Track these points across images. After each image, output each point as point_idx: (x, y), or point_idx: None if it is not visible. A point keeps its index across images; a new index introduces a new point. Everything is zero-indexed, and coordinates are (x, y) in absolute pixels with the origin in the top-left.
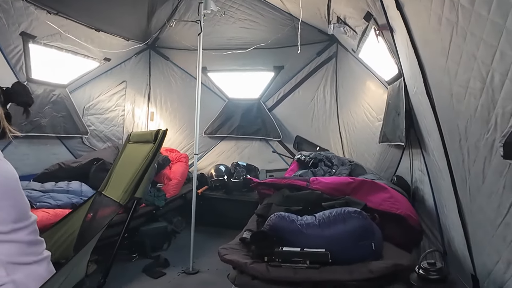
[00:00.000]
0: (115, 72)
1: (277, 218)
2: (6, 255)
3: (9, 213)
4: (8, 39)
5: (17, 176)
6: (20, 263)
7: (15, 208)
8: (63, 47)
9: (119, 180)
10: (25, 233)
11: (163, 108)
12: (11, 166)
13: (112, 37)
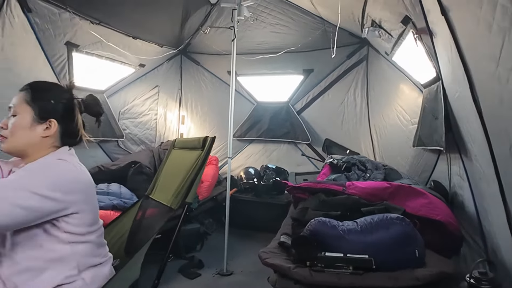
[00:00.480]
0: (148, 78)
1: (318, 224)
2: (80, 255)
3: (88, 217)
4: (54, 49)
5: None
6: (90, 263)
7: (92, 212)
8: (102, 54)
9: (167, 185)
10: (96, 236)
11: (193, 112)
12: (88, 172)
13: (147, 44)
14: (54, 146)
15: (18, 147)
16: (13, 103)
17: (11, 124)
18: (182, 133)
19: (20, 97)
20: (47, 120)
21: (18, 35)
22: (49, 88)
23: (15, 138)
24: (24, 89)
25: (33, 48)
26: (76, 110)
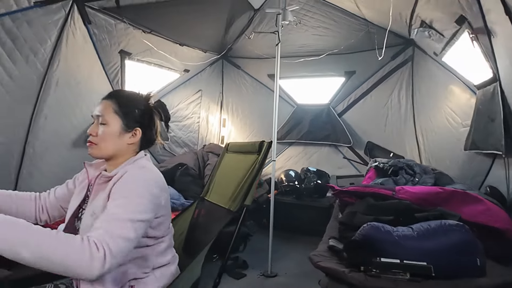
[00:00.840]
0: (192, 82)
1: (370, 228)
2: (156, 255)
3: (168, 221)
4: (109, 57)
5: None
6: (161, 262)
7: (169, 215)
8: (151, 61)
9: (223, 188)
10: (169, 237)
11: (234, 115)
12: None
13: (192, 50)
14: (134, 151)
15: (107, 153)
16: (101, 113)
17: (101, 132)
18: (223, 136)
19: (107, 106)
20: (133, 128)
21: (79, 46)
22: (133, 98)
23: (105, 145)
24: (109, 98)
25: (91, 57)
26: (155, 118)
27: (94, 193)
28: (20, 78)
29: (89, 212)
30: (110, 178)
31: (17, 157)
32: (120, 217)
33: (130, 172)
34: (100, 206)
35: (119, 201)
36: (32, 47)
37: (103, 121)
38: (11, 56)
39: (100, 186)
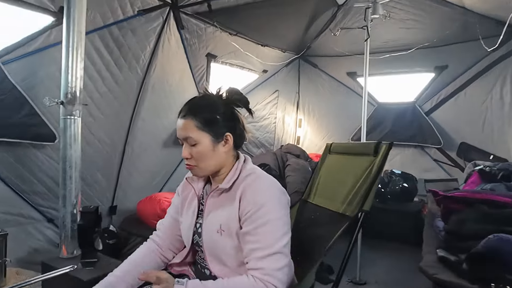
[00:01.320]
0: (269, 83)
1: (499, 241)
2: None
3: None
4: (197, 60)
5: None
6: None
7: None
8: (234, 63)
9: (331, 191)
10: None
11: (310, 115)
12: None
13: (272, 50)
14: (233, 155)
15: (209, 170)
16: (186, 134)
17: (195, 153)
18: (299, 136)
19: (189, 125)
20: (223, 136)
21: (173, 51)
22: (209, 104)
23: (204, 164)
24: (188, 116)
25: (182, 61)
26: (237, 113)
27: (211, 206)
28: (124, 84)
29: (212, 227)
30: (226, 190)
31: (119, 156)
32: (272, 250)
33: (253, 186)
34: (226, 222)
35: (262, 229)
36: (135, 54)
37: (193, 142)
38: (117, 63)
39: (217, 200)
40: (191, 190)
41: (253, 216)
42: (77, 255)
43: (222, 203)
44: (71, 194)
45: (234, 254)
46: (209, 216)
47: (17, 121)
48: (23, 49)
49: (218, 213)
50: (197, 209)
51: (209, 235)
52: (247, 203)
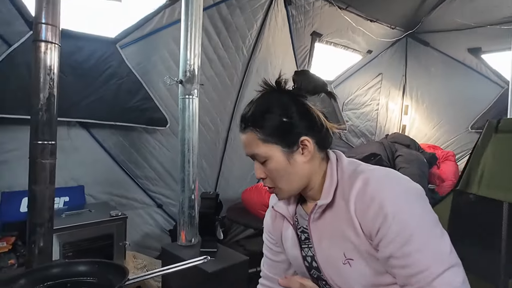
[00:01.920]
0: (372, 65)
1: None
2: None
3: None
4: (300, 40)
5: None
6: None
7: None
8: (338, 42)
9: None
10: None
11: (418, 101)
12: None
13: (381, 27)
14: (320, 159)
15: (294, 189)
16: (252, 151)
17: (270, 172)
18: (405, 125)
19: (252, 140)
20: (297, 142)
21: (278, 29)
22: (270, 107)
23: (285, 183)
24: (247, 129)
25: (285, 41)
26: (308, 106)
27: (319, 232)
28: (230, 66)
29: (333, 260)
30: (329, 205)
31: (222, 143)
32: (440, 269)
33: (369, 192)
34: (351, 248)
35: (410, 247)
36: (242, 34)
37: (260, 159)
38: (224, 44)
39: (323, 222)
40: (281, 219)
41: (388, 234)
42: (195, 243)
43: (332, 224)
44: (189, 178)
45: (374, 278)
46: (321, 245)
47: (133, 105)
48: (138, 31)
49: (332, 239)
50: (297, 238)
51: (333, 270)
52: (370, 218)
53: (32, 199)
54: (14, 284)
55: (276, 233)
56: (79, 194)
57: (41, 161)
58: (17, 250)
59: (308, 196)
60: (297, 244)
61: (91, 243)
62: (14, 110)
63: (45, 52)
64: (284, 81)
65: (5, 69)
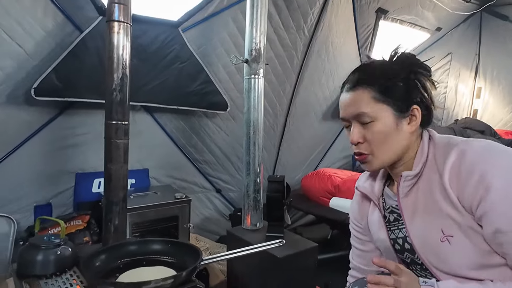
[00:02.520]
0: (440, 44)
1: None
2: None
3: None
4: (364, 18)
5: None
6: None
7: None
8: (405, 19)
9: None
10: None
11: (494, 82)
12: None
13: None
14: (418, 135)
15: (388, 159)
16: (360, 109)
17: (372, 135)
18: (476, 109)
19: (365, 97)
20: (409, 110)
21: (342, 6)
22: (386, 69)
23: (384, 150)
24: (360, 85)
25: (348, 19)
26: (424, 80)
27: (411, 208)
28: (290, 48)
29: (428, 238)
30: (417, 177)
31: (280, 128)
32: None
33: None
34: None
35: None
36: (303, 12)
37: (366, 119)
38: (285, 24)
39: (414, 197)
40: (367, 203)
41: (492, 207)
42: (260, 227)
43: (425, 198)
44: (254, 161)
45: (479, 258)
46: (414, 223)
47: (194, 89)
48: (200, 14)
49: (427, 215)
50: (383, 220)
51: (430, 250)
52: (470, 191)
53: (107, 178)
54: (95, 259)
55: (362, 219)
56: (145, 177)
57: (115, 141)
58: (90, 228)
59: (396, 174)
60: (384, 227)
61: (157, 224)
62: (87, 94)
63: (118, 32)
64: (397, 53)
65: (79, 54)
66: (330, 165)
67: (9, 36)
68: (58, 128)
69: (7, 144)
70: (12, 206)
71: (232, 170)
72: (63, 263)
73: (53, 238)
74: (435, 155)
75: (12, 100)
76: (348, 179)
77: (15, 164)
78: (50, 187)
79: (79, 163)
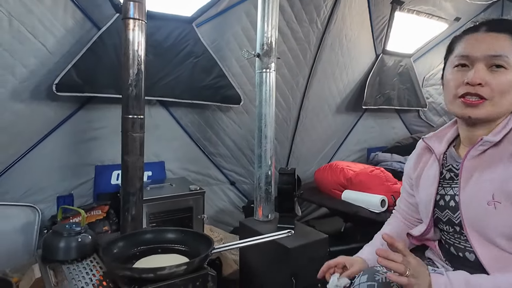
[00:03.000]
0: None
1: None
2: None
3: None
4: (379, 10)
5: None
6: None
7: None
8: (422, 10)
9: None
10: None
11: None
12: None
13: None
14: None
15: (505, 109)
16: (500, 52)
17: (500, 81)
18: None
19: (508, 42)
20: None
21: None
22: None
23: (504, 100)
24: (503, 30)
25: (362, 11)
26: None
27: (472, 169)
28: (303, 41)
29: (478, 199)
30: (495, 145)
31: (293, 122)
32: None
33: None
34: (503, 190)
35: None
36: (316, 4)
37: (502, 64)
38: (298, 17)
39: (481, 160)
40: (429, 156)
41: None
42: (271, 219)
43: (490, 164)
44: (266, 154)
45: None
46: (470, 182)
47: (208, 83)
48: (213, 9)
49: (485, 177)
50: (439, 176)
51: (475, 211)
52: None
53: (124, 169)
54: (114, 246)
55: (415, 171)
56: (161, 169)
57: (132, 134)
58: (109, 218)
59: (473, 136)
60: (437, 182)
61: (172, 214)
62: (105, 89)
63: (133, 29)
64: None
65: (97, 50)
66: (344, 158)
67: (33, 34)
68: (78, 122)
69: (32, 138)
70: (37, 197)
71: (245, 162)
72: (84, 250)
73: (74, 226)
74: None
75: (36, 96)
76: (360, 172)
77: (39, 157)
78: (71, 178)
79: (99, 156)
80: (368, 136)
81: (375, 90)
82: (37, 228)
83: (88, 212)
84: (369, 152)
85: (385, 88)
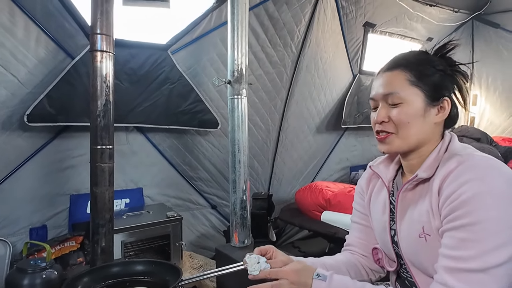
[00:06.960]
0: None
1: None
2: None
3: None
4: (352, 32)
5: None
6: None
7: None
8: (394, 32)
9: None
10: None
11: (489, 89)
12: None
13: (441, 11)
14: (440, 134)
15: (409, 145)
16: (392, 89)
17: (397, 116)
18: (473, 117)
19: (400, 78)
20: (440, 100)
21: (328, 22)
22: (424, 58)
23: (407, 132)
24: (397, 68)
25: (336, 34)
26: (458, 77)
27: (405, 203)
28: (279, 65)
29: (411, 232)
30: (425, 180)
31: (273, 143)
32: (472, 266)
33: (456, 171)
34: (430, 222)
35: (464, 232)
36: (290, 30)
37: (396, 101)
38: (272, 42)
39: (412, 194)
40: (377, 181)
41: (454, 212)
42: (248, 244)
43: (419, 197)
44: (240, 179)
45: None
46: (405, 217)
47: (185, 108)
48: (188, 36)
49: (416, 211)
50: (389, 209)
51: (409, 242)
52: (447, 195)
53: (93, 200)
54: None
55: (367, 196)
56: (139, 196)
57: (100, 165)
58: (84, 249)
59: (407, 165)
60: (388, 211)
61: (149, 243)
62: (79, 118)
63: (101, 61)
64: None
65: (71, 80)
66: (327, 178)
67: (3, 67)
68: (53, 152)
69: (3, 169)
70: (8, 229)
71: (226, 186)
72: (49, 286)
73: (39, 261)
74: (443, 160)
75: (7, 126)
76: (339, 192)
77: (11, 188)
78: (45, 209)
79: (74, 185)
80: (350, 155)
81: (353, 109)
82: (8, 262)
83: (61, 244)
84: (352, 171)
85: (364, 107)
